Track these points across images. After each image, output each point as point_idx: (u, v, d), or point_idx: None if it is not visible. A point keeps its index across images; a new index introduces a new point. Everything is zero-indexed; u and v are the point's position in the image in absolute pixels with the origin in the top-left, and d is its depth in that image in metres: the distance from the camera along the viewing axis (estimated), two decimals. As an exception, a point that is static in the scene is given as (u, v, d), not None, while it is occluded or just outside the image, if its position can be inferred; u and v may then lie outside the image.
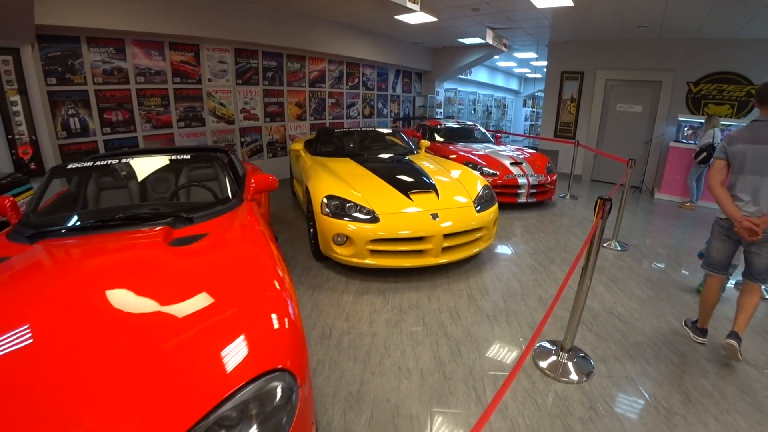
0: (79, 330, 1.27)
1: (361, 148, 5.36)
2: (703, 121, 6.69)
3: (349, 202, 3.38)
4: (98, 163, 2.78)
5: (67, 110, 5.27)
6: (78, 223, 2.22)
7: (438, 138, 7.40)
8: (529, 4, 5.91)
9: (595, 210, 2.18)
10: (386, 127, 7.76)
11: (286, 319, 1.39)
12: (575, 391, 2.20)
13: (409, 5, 4.48)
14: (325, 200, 3.41)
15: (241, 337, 1.25)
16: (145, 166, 2.87)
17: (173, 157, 2.94)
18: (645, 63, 7.83)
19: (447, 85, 12.49)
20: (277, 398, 1.15)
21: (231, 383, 1.11)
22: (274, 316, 1.38)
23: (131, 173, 2.83)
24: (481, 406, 2.06)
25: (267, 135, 7.66)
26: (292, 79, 7.85)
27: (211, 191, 2.78)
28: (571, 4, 5.67)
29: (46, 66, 5.00)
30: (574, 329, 2.40)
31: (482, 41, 8.43)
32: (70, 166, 2.73)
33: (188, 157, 2.97)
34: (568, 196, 6.93)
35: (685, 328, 2.82)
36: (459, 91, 13.59)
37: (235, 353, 1.20)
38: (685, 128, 7.22)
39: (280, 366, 1.19)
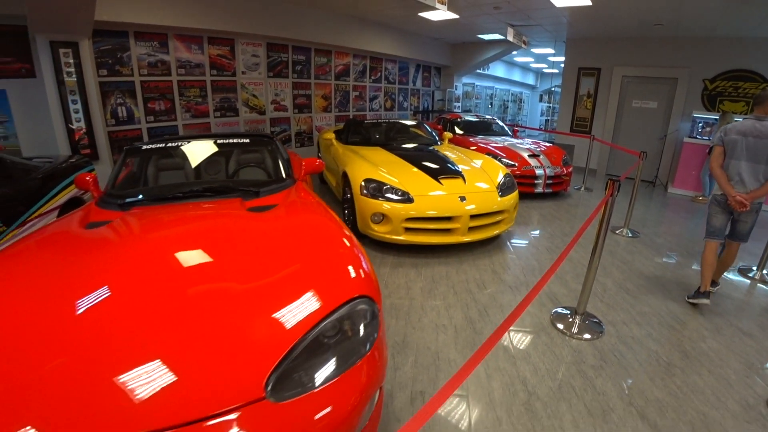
0: (199, 271, 1.67)
1: (388, 139, 5.69)
2: (718, 117, 6.88)
3: (386, 184, 3.74)
4: (169, 144, 3.18)
5: (115, 100, 5.72)
6: (161, 194, 2.61)
7: (458, 130, 7.69)
8: (548, 3, 6.15)
9: (605, 190, 2.53)
10: (407, 119, 8.09)
11: (360, 269, 1.75)
12: (588, 346, 2.55)
13: (438, 5, 4.79)
14: (363, 183, 3.78)
15: (331, 276, 1.64)
16: (206, 148, 3.25)
17: (233, 140, 3.32)
18: (661, 60, 8.00)
19: (465, 80, 12.74)
20: (364, 316, 1.53)
21: (329, 305, 1.48)
22: (352, 262, 1.76)
23: (194, 155, 3.20)
24: (508, 354, 2.43)
25: (295, 125, 8.06)
26: (319, 73, 8.22)
27: (266, 172, 3.16)
28: (589, 3, 5.90)
29: (98, 58, 5.43)
30: (587, 295, 2.75)
31: (501, 37, 8.68)
32: (144, 147, 3.13)
33: (247, 140, 3.34)
34: (582, 189, 7.19)
35: (688, 300, 3.15)
36: (476, 85, 13.82)
37: (328, 286, 1.57)
38: (700, 124, 7.38)
39: (363, 294, 1.57)
